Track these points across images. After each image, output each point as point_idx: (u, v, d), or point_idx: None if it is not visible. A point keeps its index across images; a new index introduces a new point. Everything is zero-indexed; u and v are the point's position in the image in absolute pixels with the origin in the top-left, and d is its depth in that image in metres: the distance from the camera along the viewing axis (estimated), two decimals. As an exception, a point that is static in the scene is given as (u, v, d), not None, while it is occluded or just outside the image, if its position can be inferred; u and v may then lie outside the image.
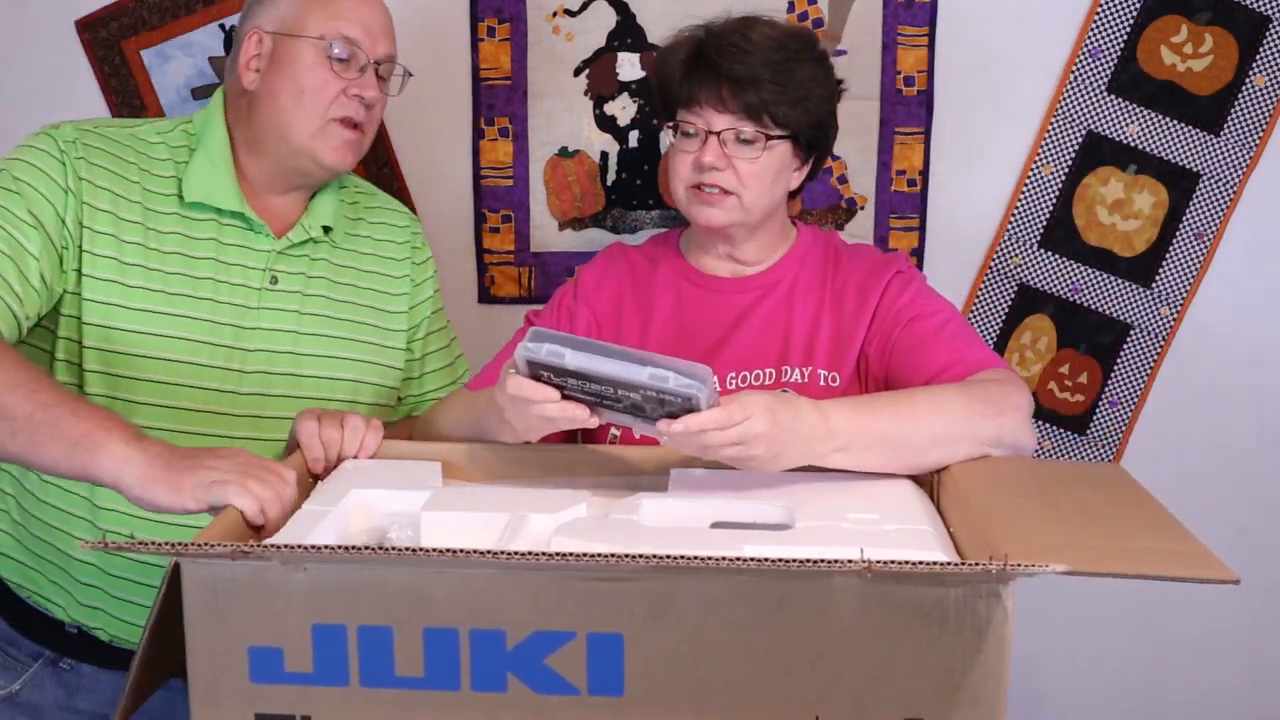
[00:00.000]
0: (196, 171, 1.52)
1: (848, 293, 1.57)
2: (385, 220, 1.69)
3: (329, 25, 1.49)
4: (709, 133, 1.52)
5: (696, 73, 1.52)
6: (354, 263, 1.62)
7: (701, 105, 1.52)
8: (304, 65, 1.48)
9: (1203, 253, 2.12)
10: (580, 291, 1.66)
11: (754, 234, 1.60)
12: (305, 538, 1.12)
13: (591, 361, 1.15)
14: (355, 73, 1.50)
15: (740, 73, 1.49)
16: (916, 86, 2.07)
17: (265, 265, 1.53)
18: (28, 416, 1.20)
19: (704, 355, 1.57)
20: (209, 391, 1.48)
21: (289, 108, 1.48)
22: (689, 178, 1.54)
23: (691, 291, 1.63)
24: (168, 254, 1.48)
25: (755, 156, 1.52)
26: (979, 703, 1.00)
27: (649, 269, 1.66)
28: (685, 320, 1.60)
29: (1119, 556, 1.01)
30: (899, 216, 2.12)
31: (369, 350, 1.61)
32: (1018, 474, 1.29)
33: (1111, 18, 2.04)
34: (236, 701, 1.03)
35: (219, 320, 1.49)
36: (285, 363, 1.53)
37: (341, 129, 1.50)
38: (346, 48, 1.49)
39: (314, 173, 1.53)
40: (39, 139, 1.46)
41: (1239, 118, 2.06)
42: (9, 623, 1.53)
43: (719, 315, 1.60)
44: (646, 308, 1.62)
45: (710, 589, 0.99)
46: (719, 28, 1.55)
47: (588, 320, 1.63)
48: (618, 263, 1.69)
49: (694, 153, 1.53)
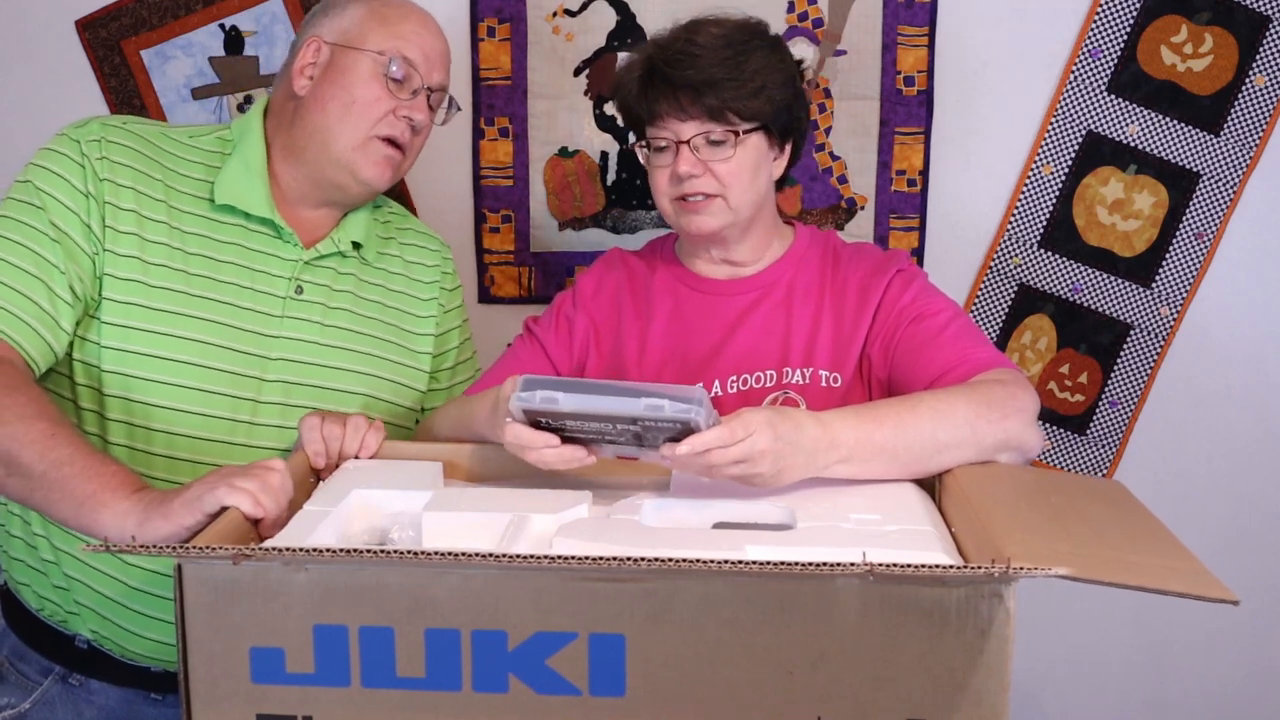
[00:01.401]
0: (230, 174, 1.51)
1: (848, 292, 1.57)
2: (417, 243, 1.69)
3: (390, 44, 1.49)
4: (679, 142, 1.51)
5: (652, 87, 1.52)
6: (383, 281, 1.62)
7: (664, 118, 1.52)
8: (359, 78, 1.48)
9: (1203, 253, 2.12)
10: (578, 298, 1.66)
11: (746, 233, 1.59)
12: (307, 538, 1.12)
13: (586, 402, 1.17)
14: (408, 94, 1.50)
15: (694, 77, 1.48)
16: (916, 86, 2.07)
17: (291, 274, 1.52)
18: (41, 475, 1.24)
19: (704, 359, 1.57)
20: (230, 398, 1.47)
21: (336, 117, 1.48)
22: (670, 190, 1.54)
23: (689, 296, 1.62)
24: (192, 255, 1.47)
25: (729, 155, 1.51)
26: (981, 703, 1.00)
27: (647, 274, 1.66)
28: (684, 325, 1.60)
29: (1121, 568, 1.01)
30: (899, 216, 2.12)
31: (390, 368, 1.60)
32: (1020, 481, 1.29)
33: (1111, 18, 2.04)
34: (237, 702, 1.03)
35: (241, 326, 1.48)
36: (306, 373, 1.52)
37: (384, 146, 1.50)
38: (404, 68, 1.49)
39: (349, 187, 1.53)
40: (60, 142, 1.46)
41: (1239, 118, 2.06)
42: (21, 639, 1.53)
43: (718, 318, 1.60)
44: (645, 314, 1.62)
45: (712, 590, 0.99)
46: (665, 38, 1.54)
47: (586, 327, 1.63)
48: (615, 269, 1.69)
49: (669, 166, 1.53)
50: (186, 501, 1.17)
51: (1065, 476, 1.34)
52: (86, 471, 1.24)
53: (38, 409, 1.28)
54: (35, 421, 1.27)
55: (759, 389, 1.53)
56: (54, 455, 1.24)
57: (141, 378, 1.44)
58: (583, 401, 1.17)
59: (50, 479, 1.24)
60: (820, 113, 2.08)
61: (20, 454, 1.25)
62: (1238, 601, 0.97)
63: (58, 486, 1.23)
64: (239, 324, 1.48)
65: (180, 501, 1.17)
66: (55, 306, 1.39)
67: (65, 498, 1.23)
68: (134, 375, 1.44)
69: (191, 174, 1.51)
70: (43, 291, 1.38)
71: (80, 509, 1.22)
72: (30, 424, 1.26)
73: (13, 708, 1.51)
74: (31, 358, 1.37)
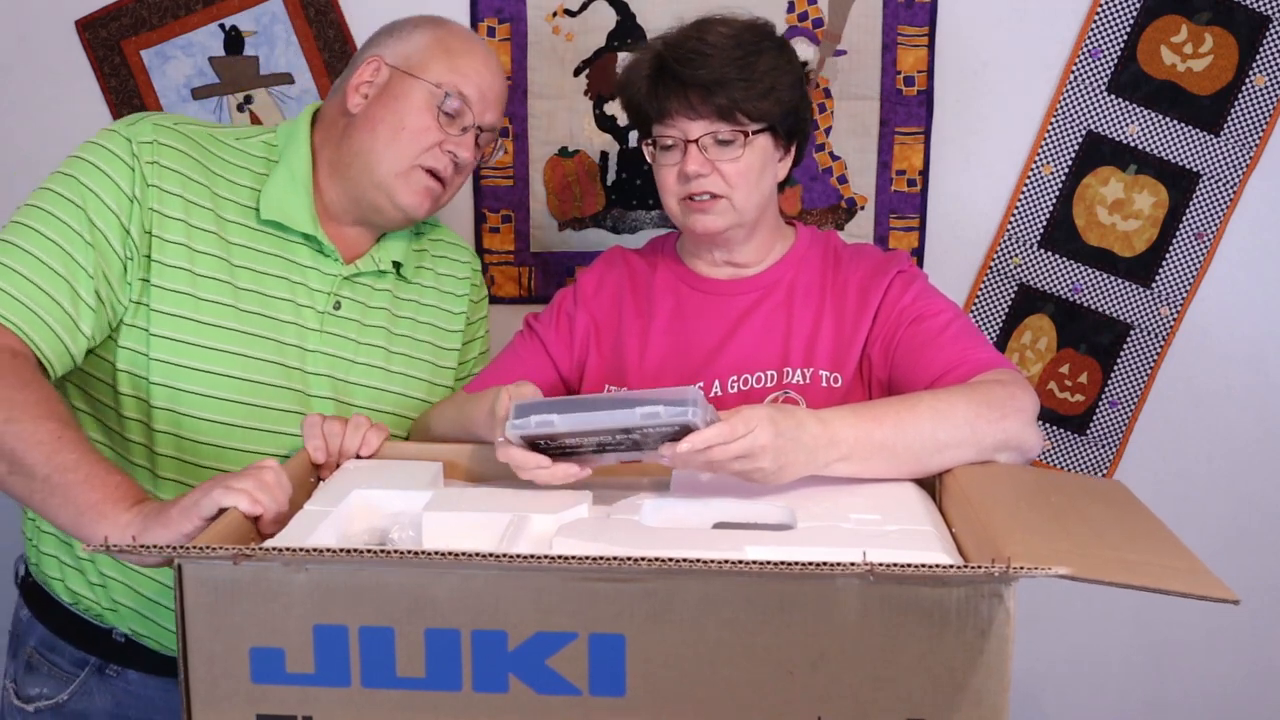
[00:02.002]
0: (276, 188, 1.50)
1: (849, 293, 1.57)
2: (449, 256, 1.69)
3: (449, 77, 1.49)
4: (687, 141, 1.51)
5: (662, 85, 1.51)
6: (416, 296, 1.62)
7: (674, 116, 1.51)
8: (413, 105, 1.48)
9: (1203, 253, 2.12)
10: (579, 296, 1.66)
11: (751, 235, 1.59)
12: (307, 538, 1.12)
13: (582, 421, 1.17)
14: (458, 130, 1.51)
15: (705, 76, 1.48)
16: (916, 86, 2.07)
17: (331, 289, 1.52)
18: (45, 478, 1.22)
19: (704, 358, 1.57)
20: (274, 411, 1.47)
21: (384, 140, 1.48)
22: (677, 189, 1.54)
23: (690, 295, 1.62)
24: (238, 267, 1.46)
25: (737, 156, 1.51)
26: (981, 703, 1.00)
27: (648, 273, 1.66)
28: (685, 324, 1.60)
29: (1121, 567, 1.02)
30: (899, 216, 2.12)
31: (419, 387, 1.60)
32: (1020, 481, 1.29)
33: (1111, 18, 2.04)
34: (237, 702, 1.03)
35: (284, 340, 1.48)
36: (339, 390, 1.53)
37: (425, 177, 1.50)
38: (458, 103, 1.50)
39: (386, 211, 1.52)
40: (110, 139, 1.43)
41: (1239, 118, 2.06)
42: (51, 630, 1.52)
43: (718, 318, 1.60)
44: (646, 312, 1.62)
45: (712, 590, 0.99)
46: (675, 36, 1.54)
47: (586, 325, 1.63)
48: (616, 266, 1.69)
49: (677, 164, 1.53)
50: (184, 509, 1.16)
51: (1065, 476, 1.34)
52: (91, 480, 1.22)
53: (48, 408, 1.26)
54: (45, 421, 1.25)
55: (759, 389, 1.53)
56: (60, 459, 1.23)
57: (190, 391, 1.43)
58: (578, 420, 1.17)
59: (54, 483, 1.22)
60: (820, 113, 2.08)
61: (26, 454, 1.23)
62: (1238, 601, 0.98)
63: (60, 492, 1.22)
64: (281, 338, 1.48)
65: (178, 509, 1.17)
66: (78, 309, 1.37)
67: (67, 504, 1.22)
68: (182, 389, 1.43)
69: (239, 180, 1.50)
70: (67, 293, 1.36)
71: (81, 517, 1.21)
72: (39, 423, 1.24)
73: (47, 698, 1.51)
74: (47, 358, 1.35)
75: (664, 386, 1.38)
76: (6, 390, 1.26)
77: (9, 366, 1.28)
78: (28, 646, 1.54)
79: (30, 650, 1.53)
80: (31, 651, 1.53)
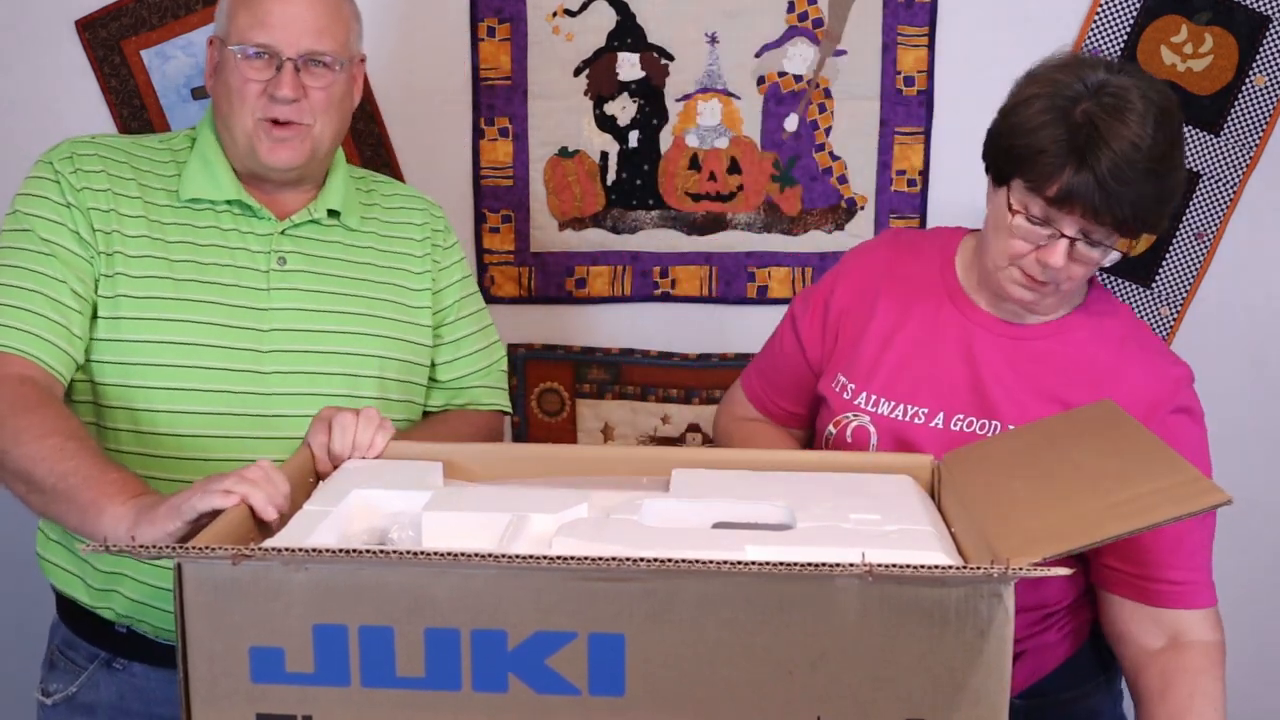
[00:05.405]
0: (191, 170, 1.56)
1: (1119, 391, 1.41)
2: (403, 205, 1.70)
3: (248, 31, 1.51)
4: (1062, 234, 1.39)
5: (1069, 165, 1.37)
6: (373, 244, 1.64)
7: (1071, 207, 1.37)
8: (230, 69, 1.52)
9: (1203, 253, 2.12)
10: (841, 278, 1.62)
11: (1055, 308, 1.51)
12: (307, 538, 1.12)
13: None
14: (271, 72, 1.51)
15: (1123, 194, 1.36)
16: (916, 86, 2.07)
17: (269, 247, 1.55)
18: (52, 489, 1.31)
19: (941, 388, 1.51)
20: (230, 372, 1.51)
21: (228, 112, 1.53)
22: (1020, 266, 1.43)
23: (955, 318, 1.54)
24: (172, 243, 1.52)
25: (1096, 258, 1.41)
26: (981, 703, 1.00)
27: (921, 275, 1.58)
28: (935, 344, 1.53)
29: (1114, 516, 1.06)
30: (899, 216, 2.12)
31: (393, 326, 1.61)
32: (1011, 450, 1.31)
33: (1111, 18, 2.04)
34: (237, 702, 1.03)
35: (232, 303, 1.52)
36: (304, 340, 1.55)
37: (269, 126, 1.52)
38: (254, 50, 1.51)
39: (269, 173, 1.55)
40: (36, 168, 1.53)
41: (1239, 118, 2.06)
42: (70, 629, 1.59)
43: (973, 351, 1.51)
44: (901, 314, 1.56)
45: (712, 590, 0.99)
46: (1098, 116, 1.37)
47: (839, 313, 1.59)
48: (891, 250, 1.62)
49: (1032, 247, 1.41)
50: (171, 508, 1.19)
51: (1054, 421, 1.34)
52: (89, 480, 1.29)
53: (52, 425, 1.35)
54: (48, 438, 1.33)
55: (979, 434, 1.47)
56: (61, 468, 1.30)
57: (134, 364, 1.48)
58: None
59: (59, 491, 1.30)
60: (820, 113, 2.08)
61: (34, 471, 1.31)
62: (1230, 500, 1.00)
63: (64, 498, 1.29)
64: (229, 301, 1.51)
65: (165, 508, 1.20)
66: (65, 315, 1.45)
67: (72, 508, 1.29)
68: (126, 363, 1.47)
69: (165, 172, 1.56)
70: (48, 304, 1.44)
71: (84, 517, 1.27)
72: (43, 441, 1.33)
73: (62, 692, 1.58)
74: (54, 369, 1.43)
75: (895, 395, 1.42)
76: (13, 418, 1.35)
77: (16, 394, 1.38)
78: (53, 645, 1.62)
79: (54, 649, 1.61)
80: (54, 650, 1.61)
